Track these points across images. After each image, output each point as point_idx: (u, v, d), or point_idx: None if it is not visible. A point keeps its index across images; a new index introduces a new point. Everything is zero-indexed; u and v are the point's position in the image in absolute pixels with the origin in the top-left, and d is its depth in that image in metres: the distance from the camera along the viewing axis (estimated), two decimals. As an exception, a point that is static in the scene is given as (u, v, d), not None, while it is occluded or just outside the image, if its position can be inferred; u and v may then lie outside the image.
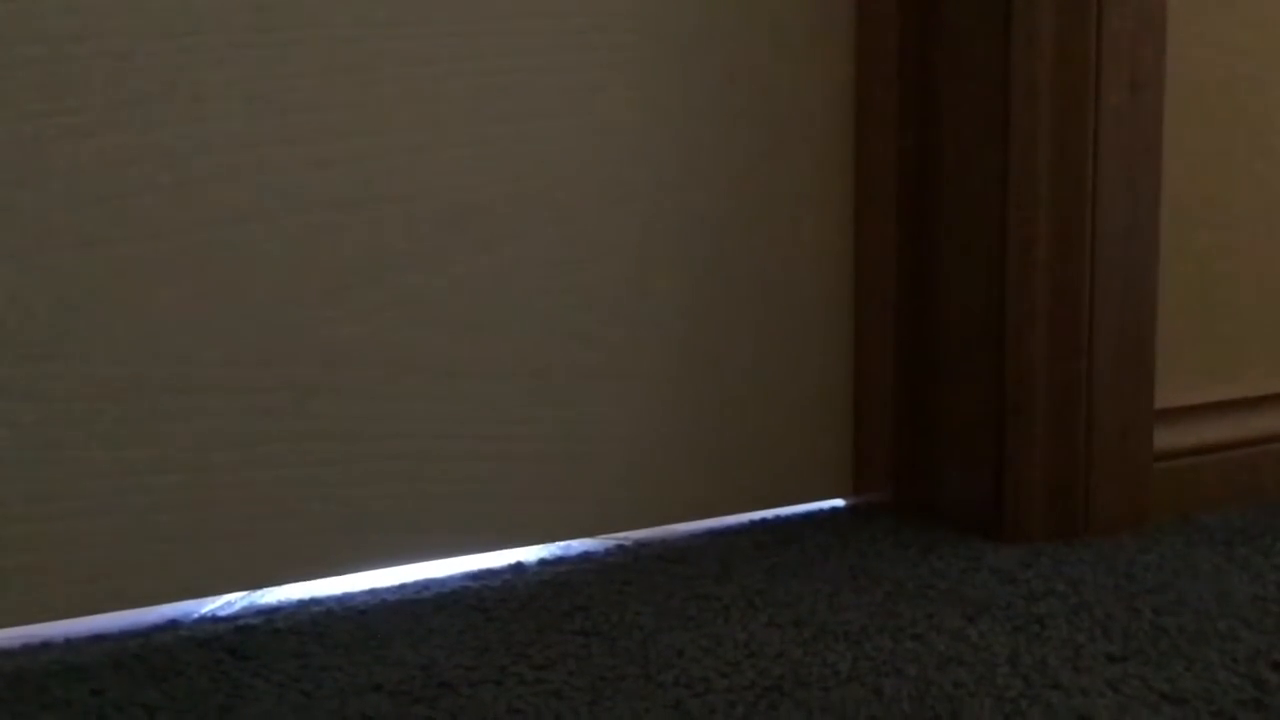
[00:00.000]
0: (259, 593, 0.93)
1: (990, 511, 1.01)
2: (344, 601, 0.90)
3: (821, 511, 1.08)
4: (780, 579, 0.93)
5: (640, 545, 1.01)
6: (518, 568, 0.96)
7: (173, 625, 0.87)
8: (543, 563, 0.97)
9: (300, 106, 0.91)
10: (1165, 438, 1.04)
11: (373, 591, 0.92)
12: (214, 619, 0.88)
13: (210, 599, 0.92)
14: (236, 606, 0.91)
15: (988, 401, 1.01)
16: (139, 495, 0.89)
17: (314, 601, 0.91)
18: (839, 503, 1.10)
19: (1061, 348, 0.99)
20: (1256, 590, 0.90)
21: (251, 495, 0.92)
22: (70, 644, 0.84)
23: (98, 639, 0.85)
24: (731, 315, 1.05)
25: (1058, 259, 0.98)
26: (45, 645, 0.84)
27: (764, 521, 1.06)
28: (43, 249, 0.86)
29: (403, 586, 0.93)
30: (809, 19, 1.06)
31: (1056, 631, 0.84)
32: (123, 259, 0.87)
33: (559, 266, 0.99)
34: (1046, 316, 0.98)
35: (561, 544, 1.01)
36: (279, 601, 0.91)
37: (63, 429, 0.87)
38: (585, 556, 0.98)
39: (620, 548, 1.00)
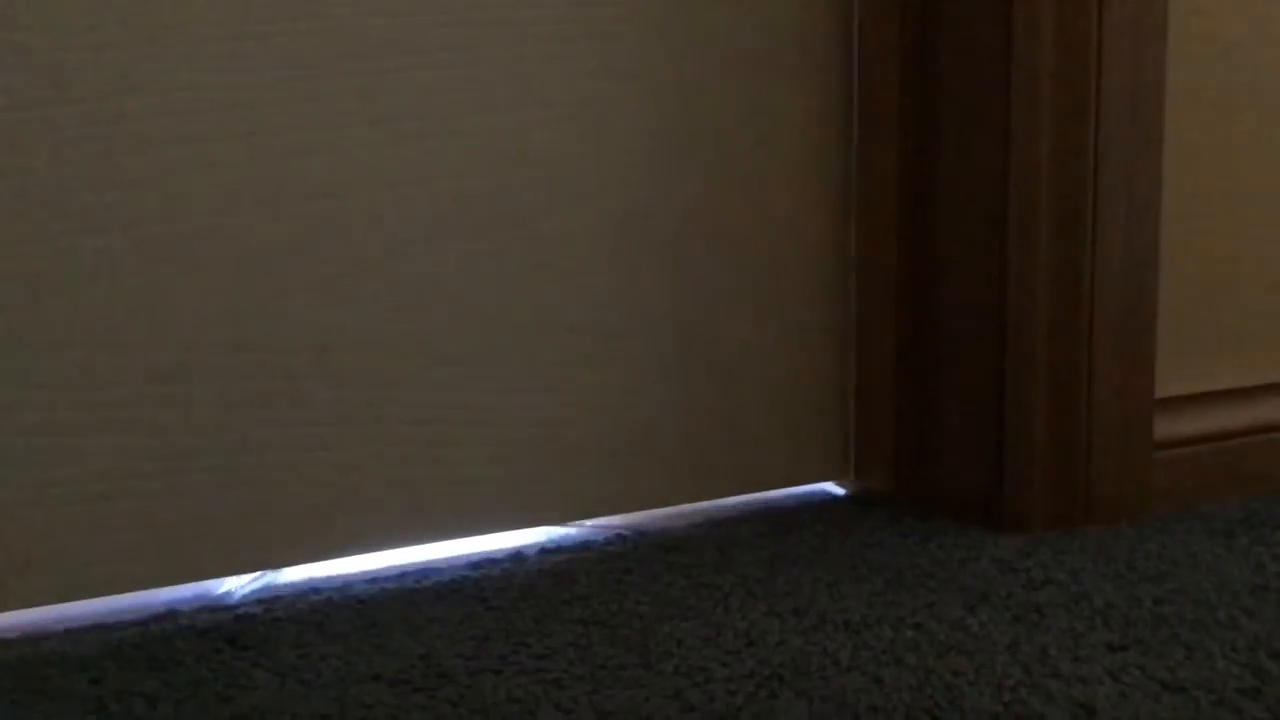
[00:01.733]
0: (256, 578, 0.93)
1: (990, 501, 1.01)
2: (343, 590, 0.90)
3: (821, 501, 1.08)
4: (780, 568, 0.93)
5: (640, 534, 1.00)
6: (517, 557, 0.96)
7: (172, 614, 0.87)
8: (542, 552, 0.97)
9: (297, 96, 0.91)
10: (1165, 427, 1.04)
11: (372, 580, 0.92)
12: (213, 608, 0.88)
13: (209, 590, 0.92)
14: (236, 596, 0.91)
15: (988, 391, 1.01)
16: (137, 481, 0.89)
17: (313, 591, 0.90)
18: (839, 491, 1.10)
19: (1062, 337, 0.99)
20: (1257, 579, 0.90)
21: (248, 480, 0.92)
22: (69, 634, 0.84)
23: (97, 628, 0.85)
24: (727, 302, 1.06)
25: (1058, 250, 0.98)
26: (44, 635, 0.84)
27: (764, 511, 1.06)
28: (37, 239, 0.86)
29: (402, 576, 0.93)
30: (808, 11, 1.06)
31: (1056, 621, 0.84)
32: (120, 247, 0.88)
33: (553, 253, 0.99)
34: (1047, 306, 0.98)
35: (561, 534, 1.01)
36: (278, 591, 0.91)
37: (62, 417, 0.87)
38: (585, 546, 0.98)
39: (620, 537, 1.00)
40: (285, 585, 0.92)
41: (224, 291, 0.90)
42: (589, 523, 1.04)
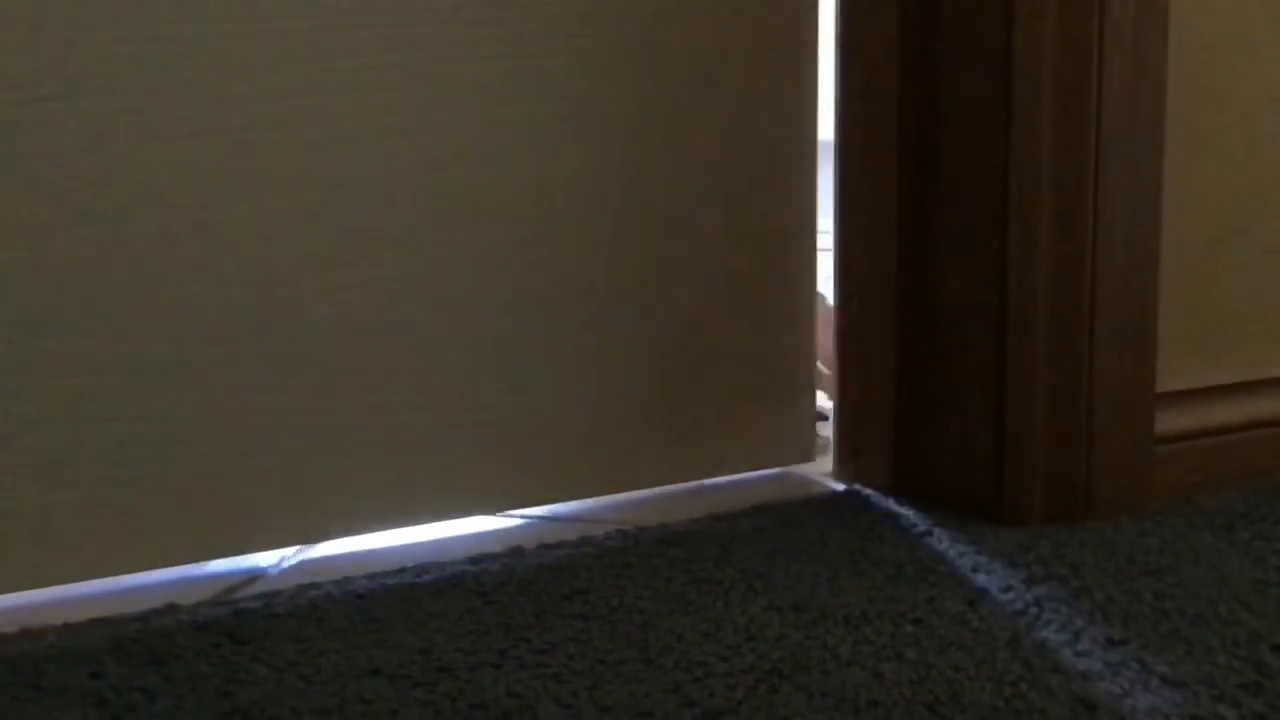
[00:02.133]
0: (249, 562, 0.93)
1: (991, 495, 1.01)
2: (342, 585, 0.90)
3: (821, 495, 1.08)
4: (780, 563, 0.93)
5: (640, 529, 1.00)
6: (517, 551, 0.96)
7: (171, 609, 0.87)
8: (542, 547, 0.97)
9: (287, 91, 0.92)
10: (1166, 421, 1.04)
11: (372, 575, 0.92)
12: (213, 603, 0.88)
13: (207, 585, 0.92)
14: (238, 594, 0.91)
15: (988, 386, 1.01)
16: (130, 469, 0.90)
17: (313, 585, 0.90)
18: (839, 486, 1.10)
19: (1062, 331, 0.99)
20: (1257, 574, 0.90)
21: (235, 466, 0.93)
22: (69, 628, 0.84)
23: (96, 623, 0.85)
24: (719, 297, 1.07)
25: (1059, 243, 0.98)
26: (44, 629, 0.84)
27: (764, 506, 1.05)
28: (39, 232, 0.86)
29: (402, 570, 0.93)
30: (804, 5, 1.06)
31: (1057, 615, 0.84)
32: (118, 240, 0.89)
33: (527, 247, 1.01)
34: (1048, 300, 0.98)
35: (560, 528, 1.01)
36: (278, 585, 0.91)
37: (62, 403, 0.88)
38: (584, 540, 0.98)
39: (620, 532, 1.00)
40: (284, 581, 0.92)
41: (215, 282, 0.91)
42: (588, 507, 1.05)
